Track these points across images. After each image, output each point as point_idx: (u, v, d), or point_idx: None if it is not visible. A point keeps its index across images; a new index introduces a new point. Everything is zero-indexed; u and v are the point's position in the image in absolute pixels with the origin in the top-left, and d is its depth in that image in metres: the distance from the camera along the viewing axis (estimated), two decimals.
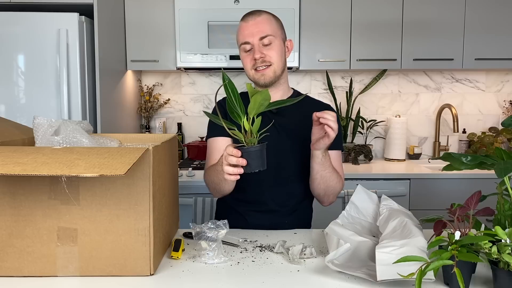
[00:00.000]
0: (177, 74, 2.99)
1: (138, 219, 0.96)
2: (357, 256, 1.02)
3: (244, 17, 1.43)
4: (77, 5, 2.24)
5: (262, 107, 1.03)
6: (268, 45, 1.38)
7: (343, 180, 1.46)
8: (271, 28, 1.39)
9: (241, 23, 1.43)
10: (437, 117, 2.96)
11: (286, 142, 1.43)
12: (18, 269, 0.97)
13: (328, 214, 1.42)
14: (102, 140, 1.20)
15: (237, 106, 1.04)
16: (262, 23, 1.39)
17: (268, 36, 1.38)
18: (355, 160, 2.71)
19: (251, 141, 1.04)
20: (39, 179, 0.95)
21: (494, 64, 2.63)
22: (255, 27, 1.38)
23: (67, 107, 2.14)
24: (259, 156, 1.04)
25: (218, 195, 1.43)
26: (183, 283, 0.95)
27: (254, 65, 1.39)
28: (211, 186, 1.41)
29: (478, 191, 0.99)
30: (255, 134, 1.05)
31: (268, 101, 1.03)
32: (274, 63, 1.39)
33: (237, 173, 1.07)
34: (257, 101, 1.01)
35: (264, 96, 1.01)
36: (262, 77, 1.40)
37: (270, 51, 1.39)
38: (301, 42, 2.61)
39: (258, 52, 1.37)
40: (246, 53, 1.41)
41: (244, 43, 1.40)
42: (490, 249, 0.85)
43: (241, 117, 1.05)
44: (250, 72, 1.42)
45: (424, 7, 2.59)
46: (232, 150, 1.05)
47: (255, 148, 1.03)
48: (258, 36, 1.38)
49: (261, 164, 1.04)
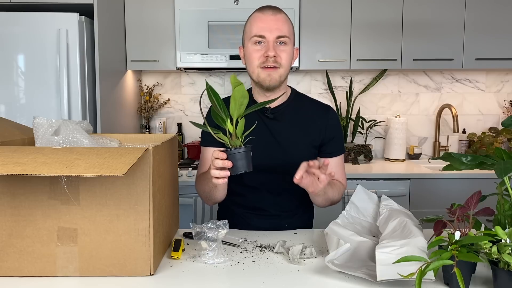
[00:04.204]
0: (177, 74, 2.99)
1: (138, 219, 0.96)
2: (357, 256, 1.02)
3: (261, 9, 1.33)
4: (77, 5, 2.24)
5: (242, 106, 1.03)
6: (282, 46, 1.31)
7: (346, 185, 1.45)
8: (288, 30, 1.32)
9: (257, 14, 1.33)
10: (437, 117, 2.96)
11: (283, 147, 1.37)
12: (18, 269, 0.97)
13: (328, 214, 1.42)
14: (102, 140, 1.20)
15: (221, 110, 1.04)
16: (282, 21, 1.31)
17: (285, 37, 1.30)
18: (355, 160, 2.71)
19: (235, 143, 1.06)
20: (39, 179, 0.95)
21: (494, 64, 2.63)
22: (275, 23, 1.29)
23: (67, 107, 2.14)
24: (244, 158, 1.05)
25: (210, 203, 1.41)
26: (183, 283, 0.95)
27: (264, 62, 1.30)
28: (202, 195, 1.39)
29: (478, 191, 0.99)
30: (239, 136, 1.06)
31: (246, 99, 1.02)
32: (283, 67, 1.31)
33: (224, 176, 1.06)
34: (236, 100, 1.01)
35: (242, 93, 1.00)
36: (268, 77, 1.31)
37: (283, 53, 1.31)
38: (301, 42, 2.61)
39: (272, 50, 1.28)
40: (256, 47, 1.31)
41: (258, 36, 1.29)
42: (490, 249, 0.85)
43: (225, 121, 1.05)
44: (255, 70, 1.32)
45: (424, 7, 2.59)
46: (218, 153, 1.06)
47: (240, 149, 1.05)
48: (276, 34, 1.29)
49: (246, 165, 1.05)
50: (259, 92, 1.39)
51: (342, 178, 1.44)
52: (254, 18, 1.33)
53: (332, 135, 1.41)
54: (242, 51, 1.39)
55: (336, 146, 1.42)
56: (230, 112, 1.04)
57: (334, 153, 1.41)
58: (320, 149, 1.41)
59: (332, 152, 1.41)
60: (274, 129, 1.38)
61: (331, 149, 1.41)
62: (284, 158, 1.36)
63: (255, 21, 1.32)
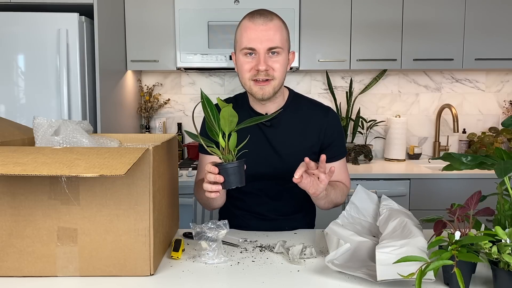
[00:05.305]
0: (177, 74, 2.99)
1: (138, 219, 0.96)
2: (357, 256, 1.02)
3: (252, 17, 1.25)
4: (77, 5, 2.24)
5: (232, 123, 1.01)
6: (274, 57, 1.25)
7: (350, 186, 1.43)
8: (281, 39, 1.25)
9: (247, 23, 1.25)
10: (437, 117, 2.96)
11: (281, 154, 1.35)
12: (18, 269, 0.97)
13: (328, 214, 1.42)
14: (102, 140, 1.20)
15: (215, 124, 1.02)
16: (273, 30, 1.23)
17: (277, 48, 1.24)
18: (355, 160, 2.71)
19: (227, 158, 1.05)
20: (39, 179, 0.95)
21: (494, 64, 2.63)
22: (265, 33, 1.22)
23: (67, 107, 2.14)
24: (236, 172, 1.04)
25: (210, 209, 1.41)
26: (183, 283, 0.95)
27: (254, 75, 1.25)
28: (201, 202, 1.39)
29: (478, 191, 0.99)
30: (232, 150, 1.04)
31: (236, 118, 1.00)
32: (277, 79, 1.26)
33: (216, 190, 1.05)
34: (225, 118, 1.00)
35: (230, 113, 0.99)
36: (260, 91, 1.26)
37: (276, 63, 1.25)
38: (301, 42, 2.61)
39: (263, 64, 1.23)
40: (247, 59, 1.26)
41: (248, 48, 1.24)
42: (490, 249, 0.85)
43: (219, 134, 1.03)
44: (247, 82, 1.27)
45: (424, 7, 2.59)
46: (210, 167, 1.04)
47: (232, 164, 1.04)
48: (266, 45, 1.23)
49: (239, 180, 1.04)
50: (254, 99, 1.35)
51: (345, 179, 1.42)
52: (243, 27, 1.26)
53: (332, 139, 1.38)
54: (234, 58, 1.33)
55: (337, 150, 1.39)
56: (222, 127, 1.02)
57: (336, 157, 1.38)
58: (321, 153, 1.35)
59: (333, 157, 1.37)
60: (271, 137, 1.35)
61: (332, 154, 1.36)
62: (282, 165, 1.33)
63: (245, 30, 1.25)
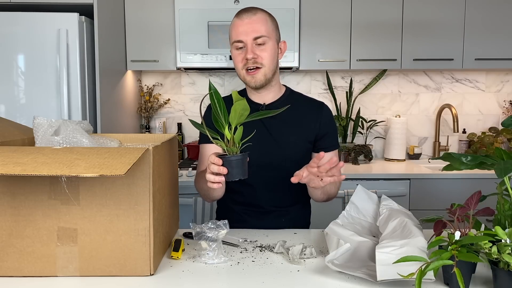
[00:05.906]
0: (177, 74, 2.99)
1: (138, 219, 0.96)
2: (357, 256, 1.02)
3: (239, 13, 1.39)
4: (77, 5, 2.24)
5: (242, 117, 1.02)
6: (261, 46, 1.35)
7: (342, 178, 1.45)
8: (266, 29, 1.36)
9: (235, 20, 1.38)
10: (437, 117, 2.96)
11: (279, 143, 1.41)
12: (18, 269, 0.97)
13: (328, 214, 1.42)
14: (102, 140, 1.20)
15: (222, 116, 1.04)
16: (257, 22, 1.35)
17: (262, 37, 1.35)
18: (355, 160, 2.71)
19: (232, 150, 1.05)
20: (39, 179, 0.95)
21: (494, 64, 2.63)
22: (250, 26, 1.35)
23: (67, 107, 2.14)
24: (240, 165, 1.05)
25: (209, 200, 1.44)
26: (183, 283, 0.96)
27: (245, 65, 1.37)
28: (201, 192, 1.42)
29: (478, 191, 0.99)
30: (237, 143, 1.05)
31: (247, 111, 1.02)
32: (266, 66, 1.36)
33: (218, 181, 1.07)
34: (237, 111, 1.01)
35: (243, 106, 1.00)
36: (252, 79, 1.38)
37: (263, 52, 1.35)
38: (301, 42, 2.61)
39: (250, 52, 1.34)
40: (238, 52, 1.38)
41: (237, 41, 1.37)
42: (490, 249, 0.85)
43: (224, 127, 1.05)
44: (241, 72, 1.39)
45: (424, 7, 2.59)
46: (214, 158, 1.06)
47: (236, 157, 1.04)
48: (252, 36, 1.34)
49: (241, 173, 1.05)
50: (251, 90, 1.45)
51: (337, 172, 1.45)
52: (233, 24, 1.39)
53: (325, 131, 1.45)
54: None
55: (330, 141, 1.45)
56: (230, 120, 1.03)
57: (329, 148, 1.44)
58: (315, 144, 1.44)
59: (326, 147, 1.43)
60: (269, 125, 1.41)
61: (325, 144, 1.44)
62: (280, 154, 1.40)
63: (233, 26, 1.38)
